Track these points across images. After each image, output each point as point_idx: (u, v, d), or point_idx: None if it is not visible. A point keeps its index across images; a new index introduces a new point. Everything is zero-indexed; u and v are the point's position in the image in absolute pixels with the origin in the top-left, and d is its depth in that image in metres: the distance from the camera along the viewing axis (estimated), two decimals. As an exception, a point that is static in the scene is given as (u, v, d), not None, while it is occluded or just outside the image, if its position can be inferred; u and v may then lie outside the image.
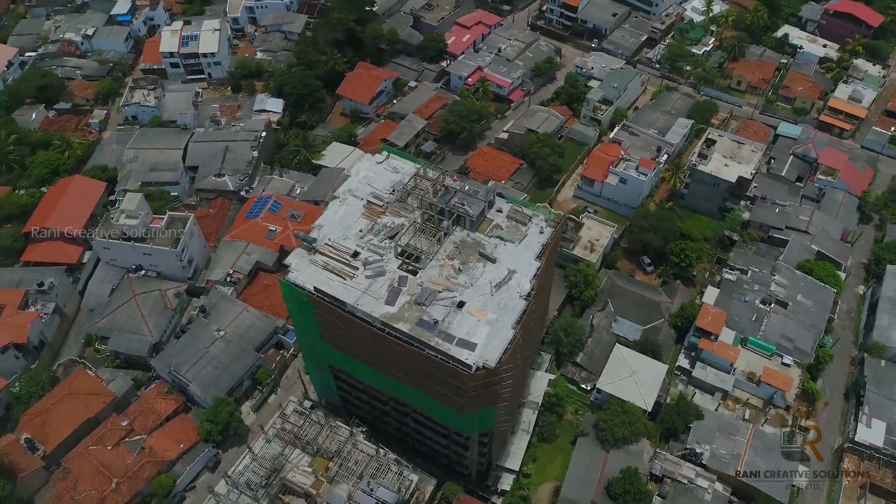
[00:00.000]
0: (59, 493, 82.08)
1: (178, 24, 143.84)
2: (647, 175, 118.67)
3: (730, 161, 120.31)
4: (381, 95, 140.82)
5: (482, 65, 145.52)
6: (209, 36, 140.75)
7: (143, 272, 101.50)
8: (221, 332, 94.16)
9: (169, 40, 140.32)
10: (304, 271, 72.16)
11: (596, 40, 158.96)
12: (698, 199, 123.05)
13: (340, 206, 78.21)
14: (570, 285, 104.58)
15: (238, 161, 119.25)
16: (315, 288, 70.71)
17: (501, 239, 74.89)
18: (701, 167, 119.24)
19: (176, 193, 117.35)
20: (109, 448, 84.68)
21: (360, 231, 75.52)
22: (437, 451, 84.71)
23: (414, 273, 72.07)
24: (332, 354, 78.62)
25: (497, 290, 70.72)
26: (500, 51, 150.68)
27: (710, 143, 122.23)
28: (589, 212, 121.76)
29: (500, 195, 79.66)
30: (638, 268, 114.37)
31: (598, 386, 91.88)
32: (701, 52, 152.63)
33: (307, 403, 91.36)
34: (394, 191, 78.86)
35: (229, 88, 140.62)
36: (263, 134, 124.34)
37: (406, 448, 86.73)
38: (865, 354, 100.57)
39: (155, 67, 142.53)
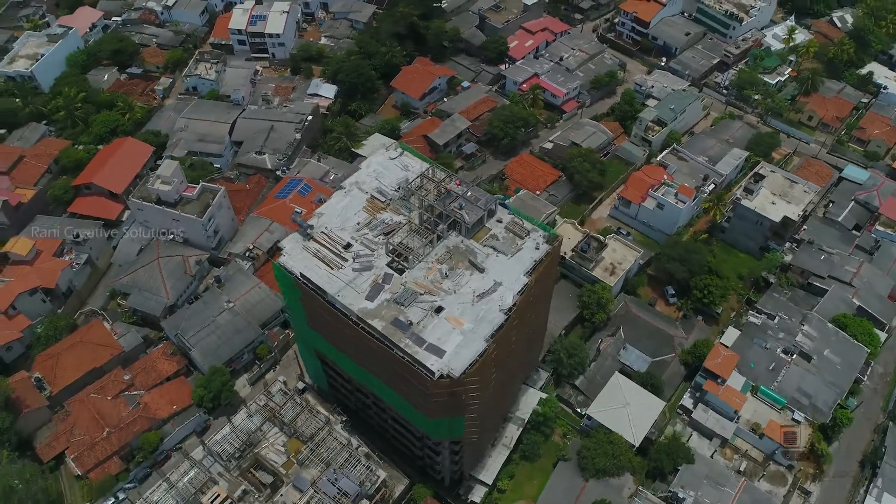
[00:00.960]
0: (57, 433, 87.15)
1: (249, 3, 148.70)
2: (685, 203, 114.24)
3: (778, 199, 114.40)
4: (433, 92, 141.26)
5: (539, 72, 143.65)
6: (277, 17, 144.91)
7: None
8: (231, 304, 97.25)
9: (239, 18, 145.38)
10: (296, 256, 73.60)
11: (664, 59, 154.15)
12: (739, 235, 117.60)
13: (345, 196, 79.25)
14: (583, 306, 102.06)
15: (280, 141, 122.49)
16: (301, 274, 72.01)
17: (495, 249, 74.02)
18: (745, 202, 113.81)
19: (219, 166, 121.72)
20: (109, 398, 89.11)
21: (358, 224, 76.31)
22: (412, 451, 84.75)
23: (401, 272, 72.30)
24: (317, 340, 79.91)
25: (479, 300, 70.00)
26: (561, 59, 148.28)
27: (759, 177, 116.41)
28: (621, 233, 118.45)
29: (503, 205, 78.60)
30: (661, 297, 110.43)
31: (588, 412, 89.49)
32: (773, 82, 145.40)
33: (300, 385, 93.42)
34: (399, 188, 79.17)
35: (289, 70, 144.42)
36: (310, 118, 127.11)
37: (387, 444, 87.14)
38: (890, 423, 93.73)
39: (223, 43, 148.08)
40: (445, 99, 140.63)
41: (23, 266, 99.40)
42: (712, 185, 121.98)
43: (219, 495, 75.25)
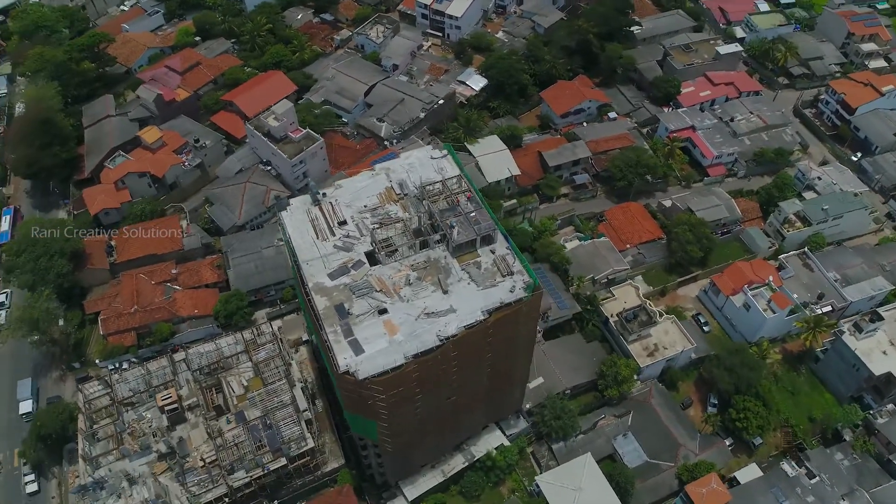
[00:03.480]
0: (104, 295, 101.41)
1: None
2: (774, 313, 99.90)
3: (893, 350, 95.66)
4: (579, 113, 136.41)
5: (698, 125, 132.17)
6: (459, 2, 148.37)
7: (268, 168, 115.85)
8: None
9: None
10: (296, 215, 77.51)
11: (859, 153, 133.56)
12: (831, 373, 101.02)
13: (370, 178, 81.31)
14: (599, 374, 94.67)
15: (404, 115, 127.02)
16: (290, 232, 75.80)
17: (470, 276, 71.79)
18: (848, 338, 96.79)
19: (345, 120, 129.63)
20: (152, 283, 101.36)
21: (365, 207, 78.07)
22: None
23: (373, 264, 73.05)
24: (302, 298, 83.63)
25: (424, 318, 68.77)
26: (731, 120, 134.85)
27: (878, 317, 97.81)
28: (699, 320, 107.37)
29: (506, 237, 75.30)
30: (700, 402, 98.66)
31: (537, 479, 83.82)
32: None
33: (304, 338, 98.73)
34: (423, 186, 79.17)
35: (453, 53, 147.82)
36: (441, 102, 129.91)
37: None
38: None
39: (408, 13, 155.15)
40: (585, 123, 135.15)
41: (146, 151, 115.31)
42: (828, 309, 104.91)
43: (171, 397, 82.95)
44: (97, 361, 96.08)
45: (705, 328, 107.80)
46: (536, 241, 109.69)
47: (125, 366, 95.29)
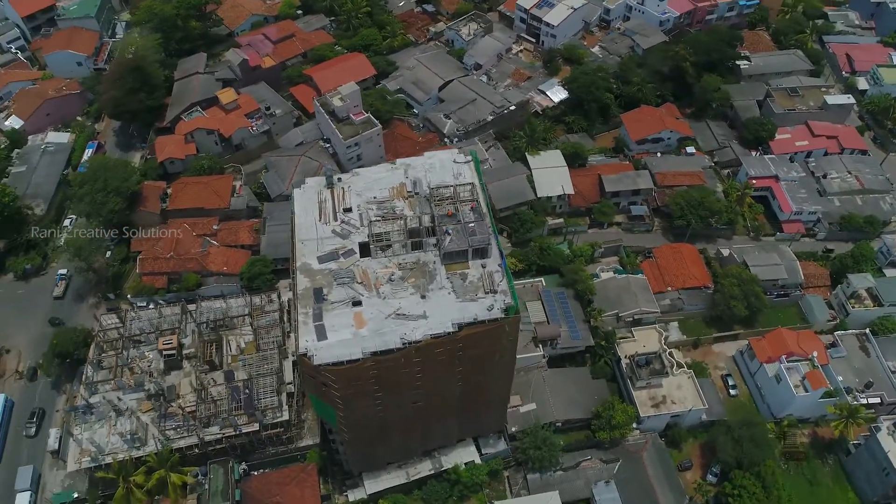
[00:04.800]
0: (149, 237, 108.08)
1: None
2: (806, 392, 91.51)
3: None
4: (656, 142, 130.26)
5: (782, 176, 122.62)
6: (562, 10, 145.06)
7: (327, 146, 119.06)
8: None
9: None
10: (307, 194, 79.26)
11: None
12: (859, 470, 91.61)
13: (388, 171, 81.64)
14: (595, 414, 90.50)
15: (471, 115, 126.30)
16: (297, 210, 77.60)
17: (452, 286, 70.65)
18: (883, 437, 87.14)
19: (416, 111, 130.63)
20: (193, 234, 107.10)
21: (374, 198, 78.51)
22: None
23: (363, 255, 73.46)
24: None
25: (394, 318, 68.46)
26: (824, 176, 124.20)
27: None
28: (727, 381, 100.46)
29: (501, 255, 73.25)
30: (702, 469, 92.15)
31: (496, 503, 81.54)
32: None
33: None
34: (434, 188, 78.57)
35: (542, 60, 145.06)
36: (512, 108, 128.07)
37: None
38: None
39: (508, 14, 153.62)
40: (659, 154, 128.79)
41: (220, 111, 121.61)
42: (876, 400, 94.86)
43: (171, 344, 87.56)
44: (128, 296, 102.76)
45: (732, 391, 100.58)
46: (569, 264, 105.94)
47: (151, 305, 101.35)
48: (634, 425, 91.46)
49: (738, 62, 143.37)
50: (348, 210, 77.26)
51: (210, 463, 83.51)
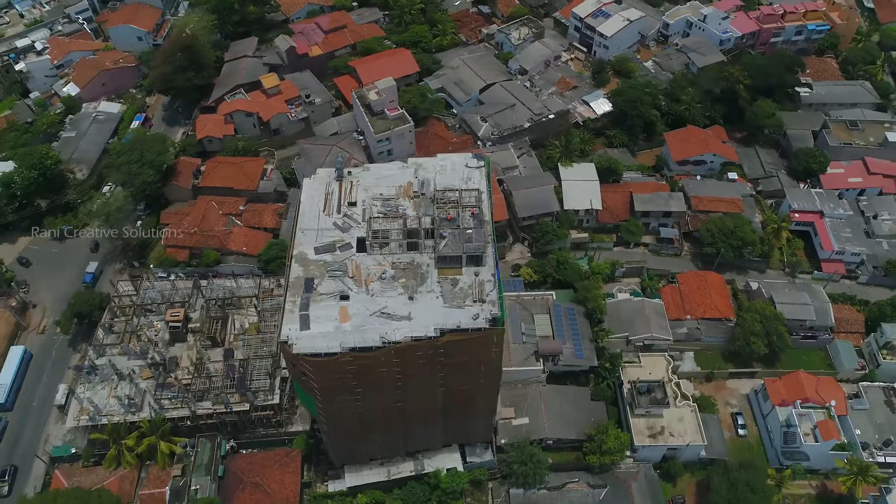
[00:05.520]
0: (179, 210, 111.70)
1: (611, 2, 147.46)
2: (815, 442, 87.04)
3: (946, 535, 79.49)
4: (698, 164, 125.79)
5: (827, 213, 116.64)
6: (617, 21, 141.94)
7: (360, 138, 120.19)
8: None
9: (586, 5, 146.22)
10: (315, 184, 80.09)
11: None
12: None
13: (398, 169, 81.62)
14: (587, 437, 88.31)
15: (508, 121, 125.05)
16: (303, 198, 78.55)
17: (441, 291, 70.04)
18: (891, 498, 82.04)
19: (455, 111, 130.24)
20: (220, 212, 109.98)
21: (380, 195, 78.60)
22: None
23: (360, 250, 73.72)
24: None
25: (378, 316, 68.43)
26: (874, 217, 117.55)
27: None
28: (737, 419, 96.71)
29: (496, 265, 72.10)
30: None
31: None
32: None
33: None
34: (440, 190, 78.16)
35: (591, 71, 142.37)
36: (551, 116, 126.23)
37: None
38: None
39: (563, 22, 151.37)
40: (699, 177, 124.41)
41: (262, 95, 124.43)
42: (894, 461, 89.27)
43: (178, 316, 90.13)
44: (151, 266, 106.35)
45: (741, 431, 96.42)
46: (585, 280, 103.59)
47: (172, 277, 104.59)
48: (628, 453, 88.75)
49: (797, 89, 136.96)
50: (353, 204, 77.60)
51: (199, 436, 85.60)
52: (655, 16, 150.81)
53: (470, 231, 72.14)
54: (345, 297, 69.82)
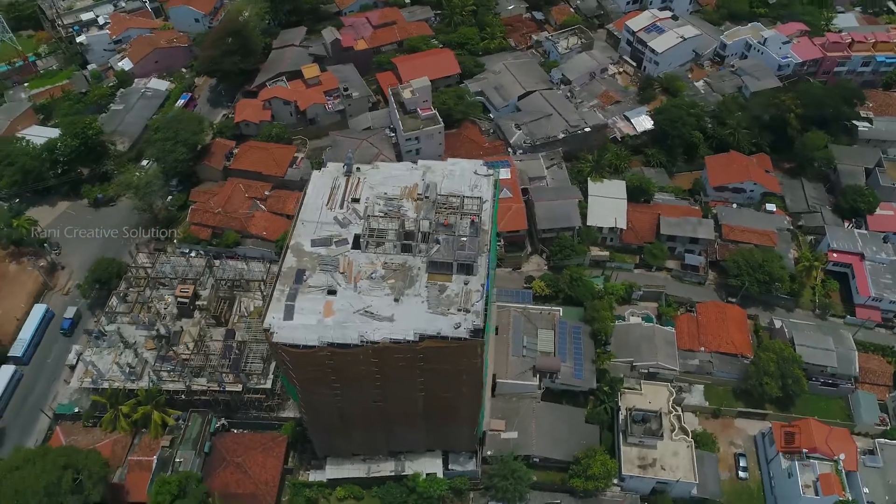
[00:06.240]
0: (209, 189, 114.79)
1: (665, 15, 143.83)
2: (814, 495, 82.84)
3: None
4: (737, 192, 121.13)
5: (869, 256, 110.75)
6: (670, 38, 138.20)
7: (392, 135, 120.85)
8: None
9: (641, 19, 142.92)
10: (324, 178, 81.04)
11: None
12: None
13: (407, 170, 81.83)
14: (574, 460, 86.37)
15: (542, 130, 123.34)
16: (309, 190, 79.51)
17: (427, 296, 69.68)
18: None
19: (492, 116, 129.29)
20: (245, 195, 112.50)
21: (385, 194, 78.88)
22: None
23: (355, 247, 74.09)
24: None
25: (361, 314, 68.62)
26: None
27: (942, 565, 76.00)
28: (738, 460, 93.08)
29: (488, 276, 71.19)
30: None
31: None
32: None
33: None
34: (444, 195, 77.76)
35: (637, 86, 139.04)
36: (587, 129, 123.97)
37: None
38: None
39: (616, 34, 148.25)
40: (735, 205, 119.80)
41: (301, 84, 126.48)
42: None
43: (187, 292, 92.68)
44: (174, 241, 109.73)
45: (741, 473, 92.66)
46: (597, 299, 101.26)
47: (193, 253, 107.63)
48: (616, 481, 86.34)
49: (855, 122, 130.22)
50: (356, 200, 78.05)
51: (191, 411, 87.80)
52: (713, 35, 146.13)
53: (465, 239, 71.50)
54: (332, 292, 70.30)
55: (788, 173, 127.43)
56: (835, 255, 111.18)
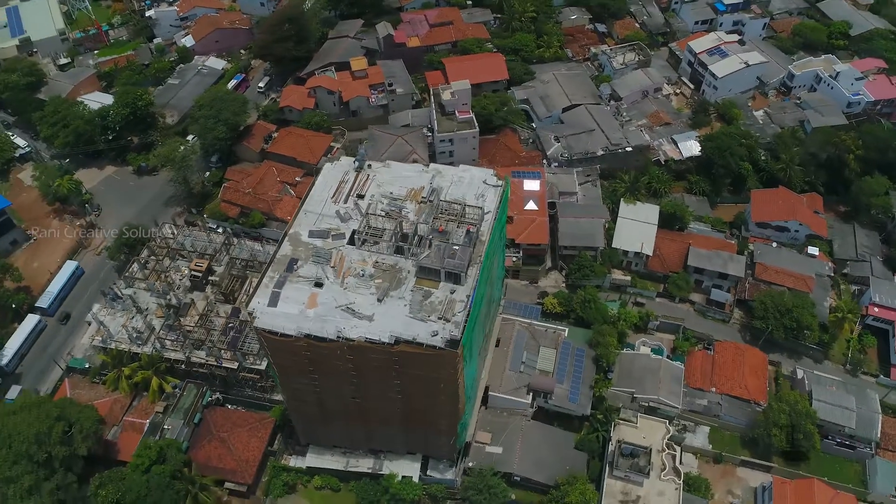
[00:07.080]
0: (242, 170, 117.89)
1: (732, 39, 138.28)
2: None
3: None
4: (780, 231, 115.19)
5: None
6: (732, 62, 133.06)
7: (428, 135, 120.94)
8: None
9: (705, 41, 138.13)
10: (334, 171, 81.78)
11: None
12: None
13: (418, 172, 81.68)
14: (555, 485, 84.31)
15: (581, 145, 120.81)
16: (318, 181, 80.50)
17: (411, 300, 69.35)
18: None
19: (534, 126, 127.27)
20: (277, 179, 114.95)
21: (390, 193, 78.96)
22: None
23: (350, 243, 74.50)
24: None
25: (342, 311, 69.00)
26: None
27: None
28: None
29: (474, 289, 70.09)
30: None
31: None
32: None
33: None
34: (446, 201, 77.05)
35: (691, 109, 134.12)
36: (629, 149, 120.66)
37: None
38: None
39: (678, 53, 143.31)
40: (775, 244, 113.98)
41: (348, 76, 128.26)
42: None
43: (200, 266, 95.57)
44: (204, 216, 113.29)
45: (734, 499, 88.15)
46: (608, 324, 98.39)
47: (220, 229, 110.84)
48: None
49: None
50: (361, 197, 78.39)
51: (188, 381, 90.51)
52: (782, 63, 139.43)
53: (456, 248, 70.64)
54: (319, 285, 70.90)
55: (842, 217, 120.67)
56: (876, 309, 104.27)
